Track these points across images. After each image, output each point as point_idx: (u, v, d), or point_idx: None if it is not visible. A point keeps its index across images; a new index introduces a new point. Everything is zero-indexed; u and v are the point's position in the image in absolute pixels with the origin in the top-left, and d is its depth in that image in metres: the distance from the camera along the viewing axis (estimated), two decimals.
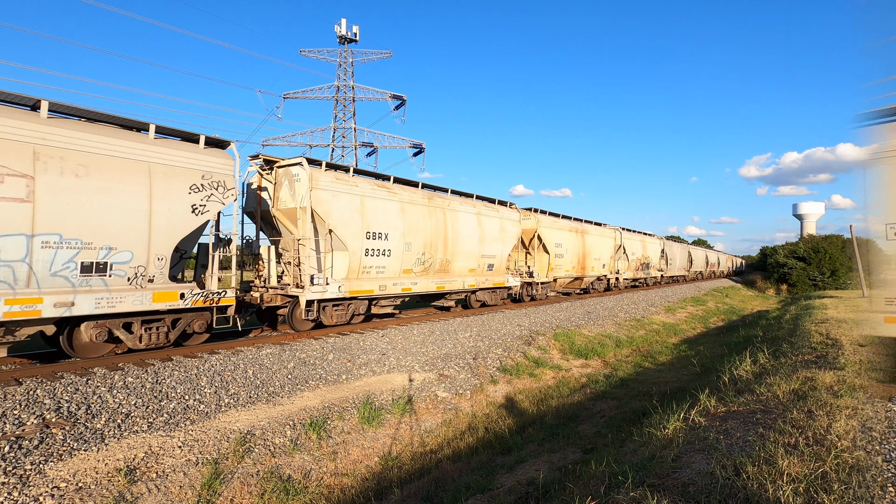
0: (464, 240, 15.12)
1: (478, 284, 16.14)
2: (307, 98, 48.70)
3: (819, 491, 3.09)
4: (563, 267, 22.11)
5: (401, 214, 12.88)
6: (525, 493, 4.87)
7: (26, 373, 7.25)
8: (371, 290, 12.24)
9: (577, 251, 23.09)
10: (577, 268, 23.27)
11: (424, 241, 13.57)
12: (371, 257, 12.05)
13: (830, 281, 43.49)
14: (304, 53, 48.24)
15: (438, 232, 14.12)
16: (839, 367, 6.90)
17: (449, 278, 14.79)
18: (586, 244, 24.03)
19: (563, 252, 21.87)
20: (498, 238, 16.77)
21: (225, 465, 5.81)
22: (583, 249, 23.67)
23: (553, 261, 21.18)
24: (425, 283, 13.86)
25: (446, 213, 14.65)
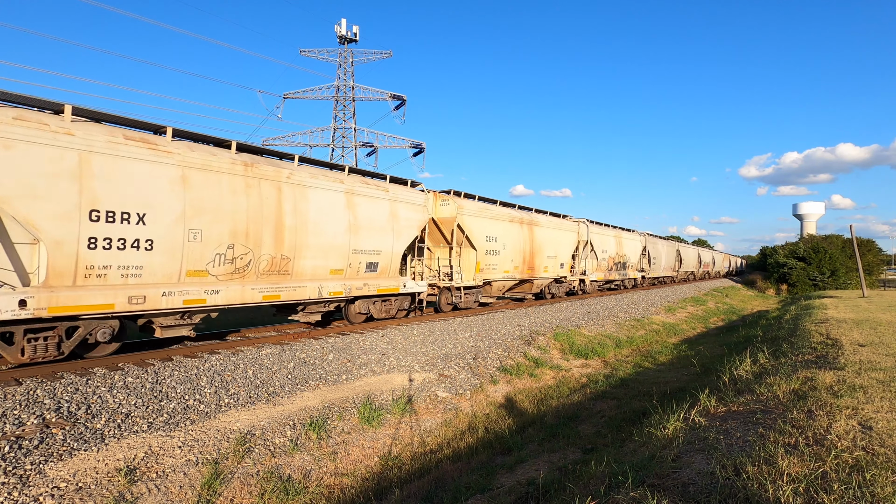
0: (318, 228, 10.75)
1: (350, 291, 11.72)
2: (307, 98, 48.73)
3: (819, 491, 3.09)
4: (501, 267, 17.55)
5: (181, 185, 8.50)
6: (525, 493, 4.87)
7: (26, 373, 7.25)
8: (107, 304, 7.74)
9: (520, 247, 18.46)
10: (521, 268, 18.67)
11: (233, 229, 9.22)
12: (104, 251, 7.64)
13: (830, 281, 43.51)
14: (304, 53, 48.29)
15: (265, 215, 9.71)
16: (839, 367, 6.90)
17: (290, 283, 10.35)
18: (535, 239, 19.39)
19: (499, 248, 17.36)
20: (386, 228, 12.48)
21: (225, 465, 5.81)
22: (530, 245, 19.05)
23: (484, 259, 16.54)
24: (238, 291, 9.38)
25: (283, 189, 10.09)
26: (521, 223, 18.88)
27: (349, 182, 11.78)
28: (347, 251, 11.55)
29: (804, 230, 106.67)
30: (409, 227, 13.32)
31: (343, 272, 11.60)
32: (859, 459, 3.54)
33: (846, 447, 3.78)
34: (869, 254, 50.67)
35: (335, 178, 11.49)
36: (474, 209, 16.35)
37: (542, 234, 20.12)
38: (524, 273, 19.04)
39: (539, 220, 20.17)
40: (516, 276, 18.69)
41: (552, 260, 20.86)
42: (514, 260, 18.32)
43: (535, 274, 19.77)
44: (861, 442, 3.92)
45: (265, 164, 9.99)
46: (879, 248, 59.05)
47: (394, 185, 13.30)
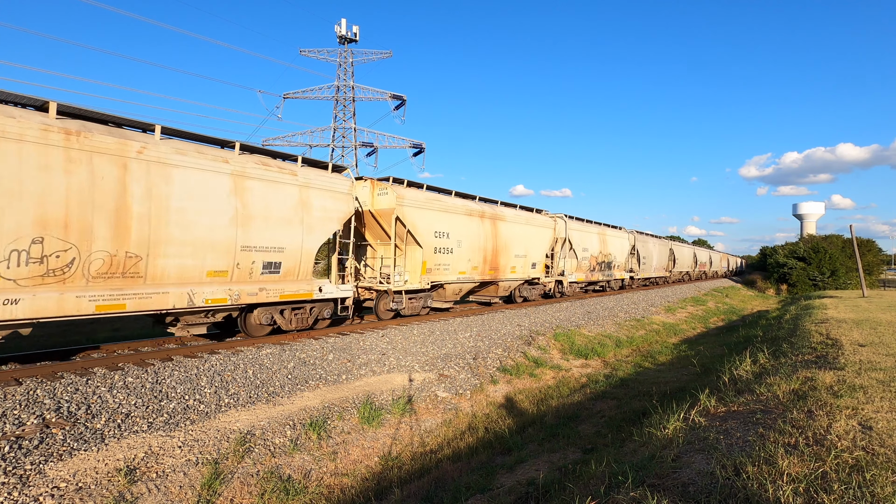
0: (186, 218, 8.62)
1: (238, 298, 9.45)
2: (307, 98, 48.74)
3: (819, 491, 3.09)
4: (455, 267, 15.10)
5: None
6: (525, 493, 4.87)
7: (26, 373, 7.25)
8: None
9: (479, 244, 16.05)
10: (481, 268, 16.25)
11: (42, 217, 7.05)
12: None
13: (830, 281, 43.52)
14: (304, 53, 48.30)
15: (97, 200, 7.56)
16: (839, 367, 6.90)
17: (143, 289, 8.14)
18: (500, 235, 17.02)
19: (453, 245, 14.85)
20: (292, 219, 10.44)
21: (225, 465, 5.81)
22: (493, 242, 16.66)
23: (432, 258, 14.25)
24: (53, 300, 7.13)
25: (130, 167, 7.94)
26: (481, 217, 16.31)
27: (238, 162, 9.51)
28: (234, 248, 9.30)
29: (804, 230, 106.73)
30: (325, 220, 11.14)
31: (227, 274, 9.29)
32: (859, 459, 3.54)
33: (846, 447, 3.78)
34: (869, 254, 50.68)
35: (216, 157, 9.18)
36: (419, 200, 13.98)
37: (509, 231, 17.48)
38: (485, 274, 16.38)
39: (504, 215, 17.42)
40: (475, 277, 16.15)
41: (521, 259, 18.39)
42: (473, 259, 15.77)
43: (499, 275, 17.21)
44: (861, 442, 3.92)
45: (103, 133, 7.73)
46: (879, 248, 59.08)
47: (306, 169, 11.04)
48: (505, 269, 17.62)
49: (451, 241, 15.04)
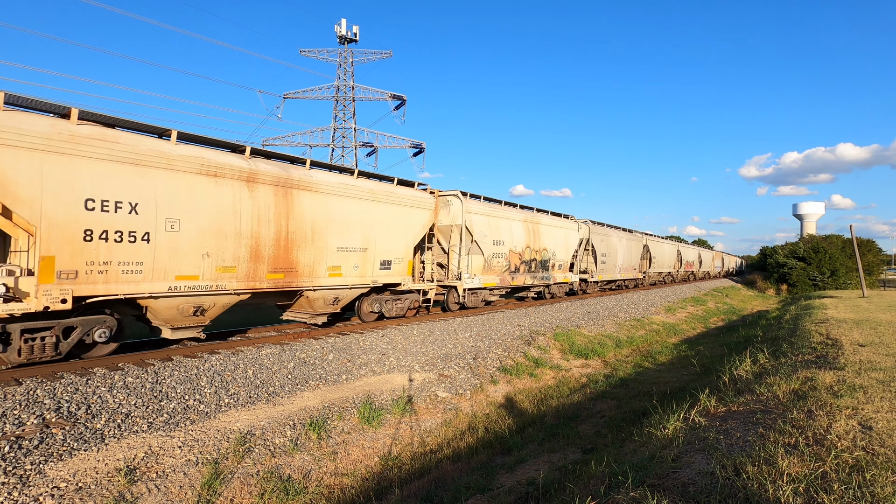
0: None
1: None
2: (307, 98, 48.73)
3: (819, 491, 3.09)
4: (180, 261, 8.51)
5: None
6: (525, 493, 4.87)
7: (26, 373, 7.25)
8: None
9: (226, 227, 9.04)
10: (242, 271, 9.33)
11: None
12: None
13: (830, 281, 43.53)
14: (304, 53, 48.28)
15: None
16: (839, 367, 6.90)
17: None
18: (293, 213, 10.18)
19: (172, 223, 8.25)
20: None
21: (225, 465, 5.81)
22: (280, 227, 9.91)
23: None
24: None
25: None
26: (232, 177, 9.18)
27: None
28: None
29: (804, 230, 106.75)
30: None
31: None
32: (859, 459, 3.54)
33: (846, 447, 3.78)
34: (869, 254, 50.68)
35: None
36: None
37: (316, 206, 10.71)
38: (252, 282, 9.58)
39: (309, 181, 10.52)
40: (204, 282, 8.94)
41: (352, 255, 11.53)
42: (225, 258, 9.14)
43: (296, 280, 10.41)
44: (861, 442, 3.92)
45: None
46: (879, 248, 59.06)
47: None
48: (303, 273, 10.72)
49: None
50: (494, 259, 16.87)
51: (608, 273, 26.97)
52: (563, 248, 21.72)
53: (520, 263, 18.39)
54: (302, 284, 10.58)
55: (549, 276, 20.64)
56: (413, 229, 13.40)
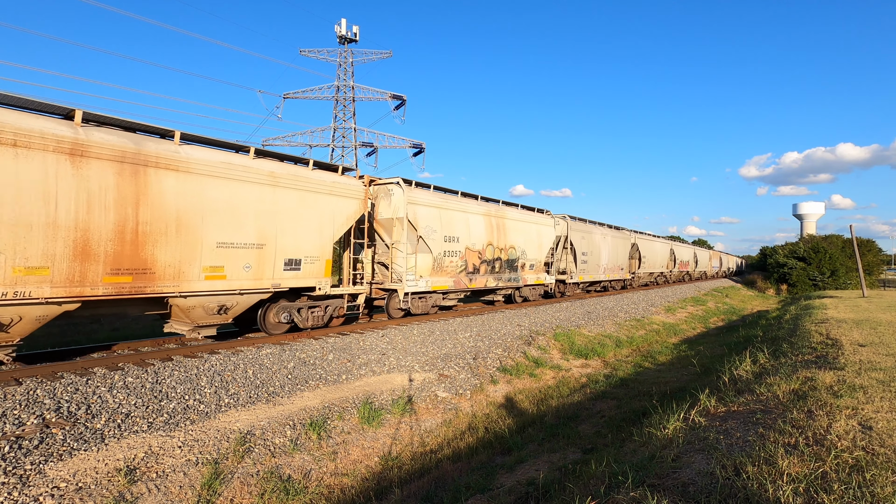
0: None
1: None
2: (307, 98, 48.72)
3: (819, 491, 3.09)
4: None
5: None
6: (525, 493, 4.87)
7: (26, 373, 7.25)
8: None
9: (30, 214, 6.86)
10: (71, 272, 7.22)
11: None
12: None
13: (830, 281, 43.53)
14: (304, 53, 48.27)
15: None
16: (839, 367, 6.90)
17: None
18: (147, 199, 8.00)
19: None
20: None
21: (225, 464, 5.81)
22: (125, 215, 7.76)
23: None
24: None
25: None
26: None
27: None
28: None
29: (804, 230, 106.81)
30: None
31: None
32: (859, 459, 3.54)
33: (846, 447, 3.78)
34: (869, 254, 50.70)
35: None
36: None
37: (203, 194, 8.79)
38: (79, 287, 7.37)
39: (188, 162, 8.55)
40: None
41: (241, 253, 9.44)
42: (29, 256, 7.27)
43: (154, 284, 8.19)
44: (861, 442, 3.92)
45: None
46: (879, 248, 59.08)
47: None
48: (165, 274, 8.52)
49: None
50: (446, 258, 14.71)
51: (590, 273, 24.95)
52: (536, 246, 19.65)
53: (480, 263, 16.23)
54: (163, 290, 8.28)
55: (517, 277, 18.58)
56: (333, 222, 11.24)
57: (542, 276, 20.47)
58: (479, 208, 16.78)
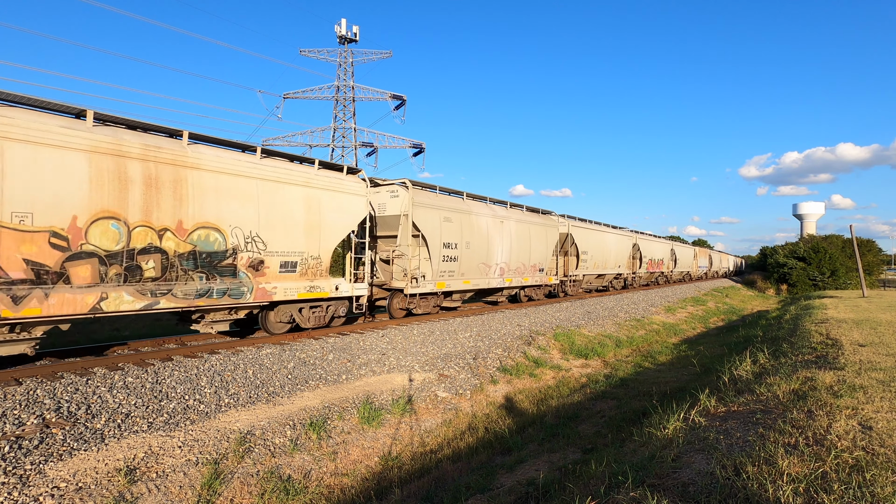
0: None
1: None
2: (307, 98, 48.72)
3: (819, 491, 3.09)
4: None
5: None
6: (525, 493, 4.87)
7: (26, 373, 7.25)
8: None
9: None
10: None
11: None
12: None
13: (830, 281, 43.55)
14: (304, 53, 48.27)
15: None
16: (839, 367, 6.90)
17: None
18: None
19: None
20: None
21: (225, 464, 5.81)
22: None
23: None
24: None
25: None
26: None
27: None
28: None
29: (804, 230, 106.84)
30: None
31: None
32: (859, 459, 3.54)
33: (846, 447, 3.78)
34: (869, 254, 50.72)
35: None
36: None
37: None
38: None
39: None
40: None
41: None
42: None
43: None
44: (861, 442, 3.91)
45: None
46: (879, 248, 59.09)
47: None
48: None
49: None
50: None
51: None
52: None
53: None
54: None
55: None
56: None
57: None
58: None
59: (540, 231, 19.87)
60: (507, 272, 17.83)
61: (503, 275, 17.68)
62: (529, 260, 19.20)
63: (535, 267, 19.75)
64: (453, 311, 16.15)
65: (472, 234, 15.86)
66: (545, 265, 20.33)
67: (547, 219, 20.90)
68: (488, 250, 16.60)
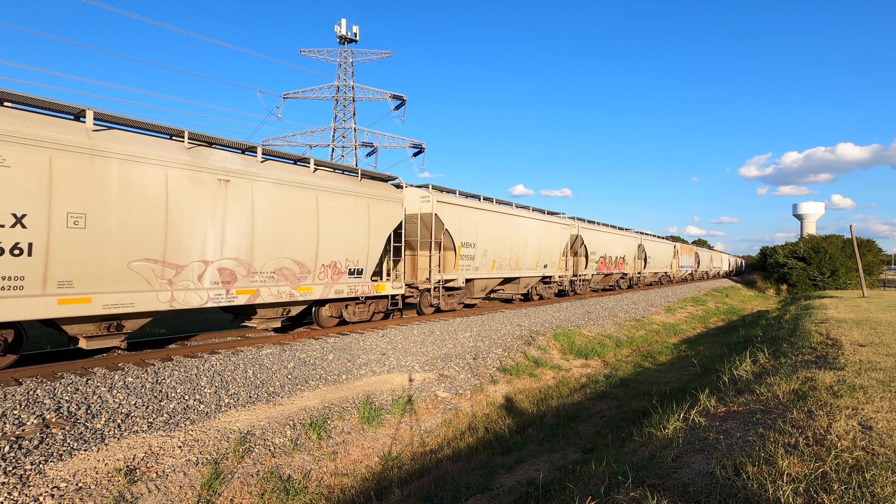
0: None
1: None
2: (307, 98, 48.72)
3: (819, 491, 3.09)
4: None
5: None
6: (525, 493, 4.87)
7: (26, 373, 7.25)
8: None
9: None
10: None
11: None
12: None
13: (830, 281, 43.57)
14: (304, 53, 48.27)
15: None
16: (839, 367, 6.90)
17: None
18: None
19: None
20: None
21: (225, 465, 5.81)
22: None
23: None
24: None
25: None
26: None
27: None
28: None
29: (804, 230, 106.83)
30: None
31: None
32: (859, 459, 3.54)
33: (846, 447, 3.78)
34: (869, 254, 50.73)
35: None
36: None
37: None
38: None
39: None
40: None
41: None
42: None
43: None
44: (861, 442, 3.91)
45: None
46: (879, 248, 59.09)
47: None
48: None
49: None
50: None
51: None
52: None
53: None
54: None
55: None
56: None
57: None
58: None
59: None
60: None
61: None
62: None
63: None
64: (453, 312, 16.16)
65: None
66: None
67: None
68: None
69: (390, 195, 12.84)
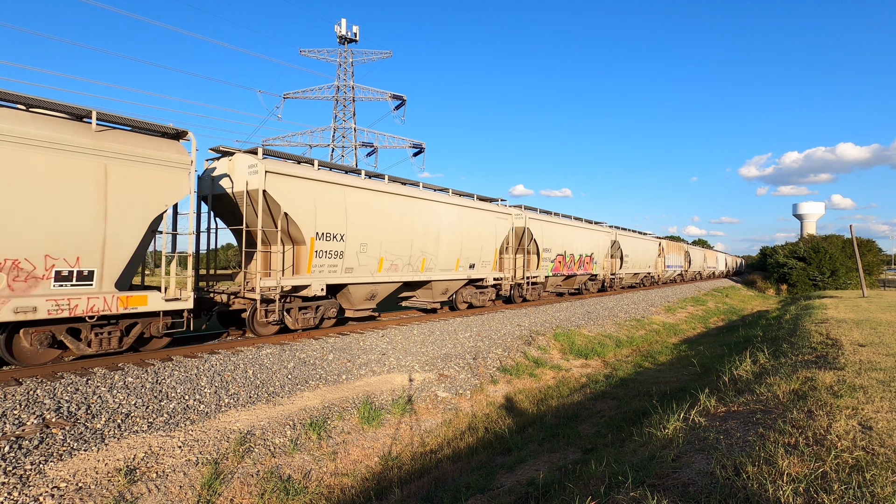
0: None
1: None
2: (307, 98, 48.72)
3: (819, 491, 3.09)
4: None
5: None
6: (525, 493, 4.87)
7: (26, 373, 7.25)
8: None
9: None
10: None
11: None
12: None
13: (830, 281, 43.57)
14: (304, 53, 48.28)
15: None
16: (839, 367, 6.90)
17: None
18: None
19: None
20: None
21: (225, 465, 5.81)
22: None
23: None
24: None
25: None
26: None
27: None
28: None
29: (804, 230, 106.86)
30: None
31: None
32: (859, 459, 3.54)
33: (846, 447, 3.78)
34: (869, 254, 50.72)
35: None
36: None
37: None
38: None
39: None
40: None
41: None
42: None
43: None
44: (861, 442, 3.91)
45: None
46: (879, 248, 59.06)
47: None
48: None
49: None
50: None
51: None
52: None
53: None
54: None
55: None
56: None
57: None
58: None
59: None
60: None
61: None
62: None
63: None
64: (453, 312, 16.16)
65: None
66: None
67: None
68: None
69: (160, 156, 8.09)
